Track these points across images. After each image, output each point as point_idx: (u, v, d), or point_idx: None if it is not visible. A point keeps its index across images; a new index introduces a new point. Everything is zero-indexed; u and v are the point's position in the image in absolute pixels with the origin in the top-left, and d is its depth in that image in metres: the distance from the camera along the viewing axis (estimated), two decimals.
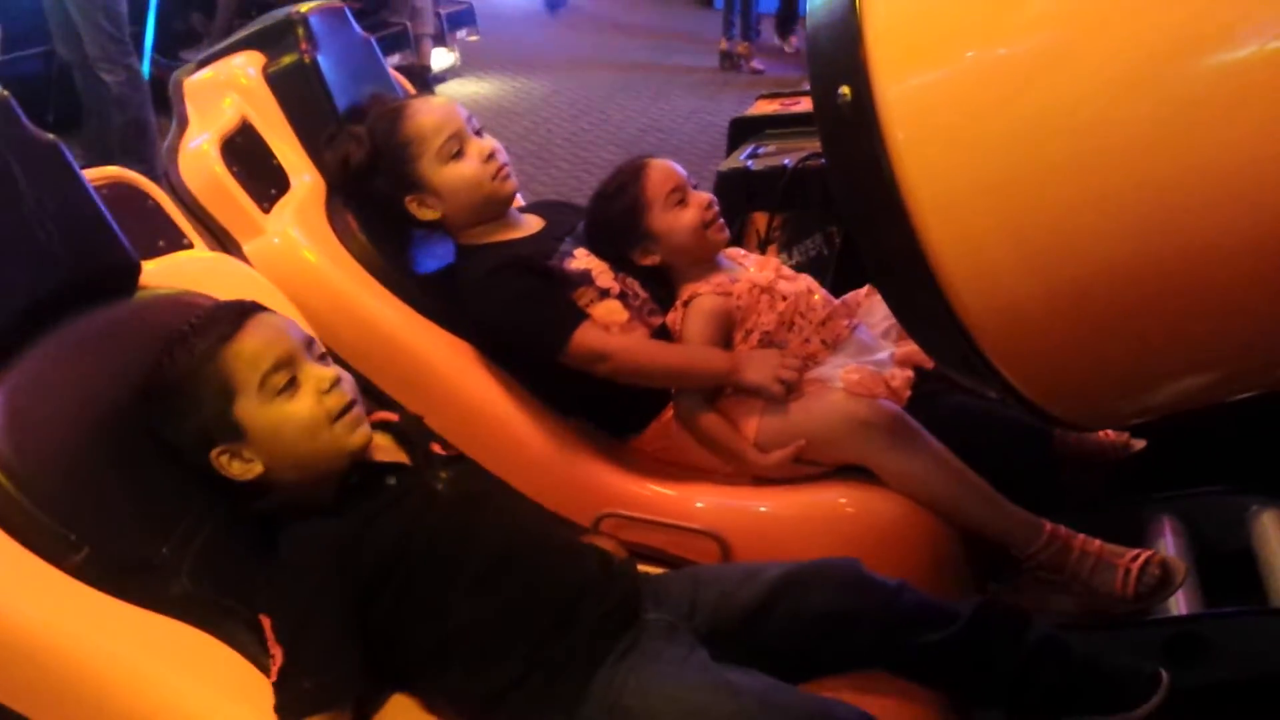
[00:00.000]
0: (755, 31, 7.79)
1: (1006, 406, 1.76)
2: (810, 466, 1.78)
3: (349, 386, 1.41)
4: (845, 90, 0.91)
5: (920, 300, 0.93)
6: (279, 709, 1.22)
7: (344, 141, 1.98)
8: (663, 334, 1.91)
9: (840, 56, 0.92)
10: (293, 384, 1.37)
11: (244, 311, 1.41)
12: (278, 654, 1.25)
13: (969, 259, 0.90)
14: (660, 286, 1.96)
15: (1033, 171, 0.87)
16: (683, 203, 1.91)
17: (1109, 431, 1.93)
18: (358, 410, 1.41)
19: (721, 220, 1.94)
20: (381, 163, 1.94)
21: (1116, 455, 1.94)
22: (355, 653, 1.28)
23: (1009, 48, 0.90)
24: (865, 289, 1.97)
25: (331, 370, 1.41)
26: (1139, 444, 1.94)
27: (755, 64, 7.55)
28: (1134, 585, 1.64)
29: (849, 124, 0.91)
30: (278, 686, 1.23)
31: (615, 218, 1.93)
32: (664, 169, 1.94)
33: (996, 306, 0.91)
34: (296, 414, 1.36)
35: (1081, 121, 0.84)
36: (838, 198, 0.97)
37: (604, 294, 1.89)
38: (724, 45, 7.69)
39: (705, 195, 1.94)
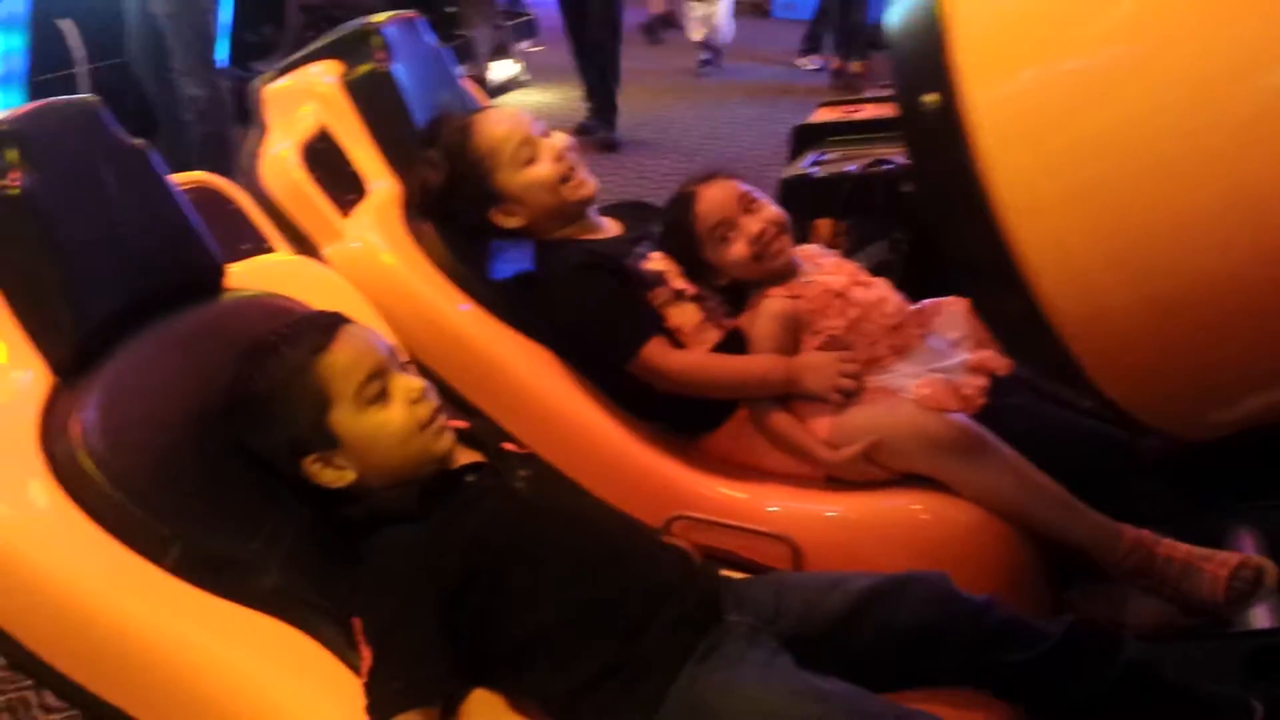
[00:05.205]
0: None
1: (1084, 413, 1.79)
2: (880, 469, 1.77)
3: (433, 394, 1.44)
4: (932, 97, 0.90)
5: (1011, 307, 0.92)
6: (370, 709, 1.23)
7: (420, 169, 2.01)
8: (738, 335, 1.91)
9: (926, 64, 0.91)
10: (384, 394, 1.40)
11: (333, 323, 1.43)
12: (366, 655, 1.26)
13: (1060, 265, 0.89)
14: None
15: (1124, 177, 0.85)
16: (726, 240, 1.88)
17: None
18: (443, 417, 1.44)
19: (780, 240, 1.90)
20: (460, 181, 1.97)
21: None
22: (444, 652, 1.29)
23: (1100, 52, 0.89)
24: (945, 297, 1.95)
25: (419, 380, 1.44)
26: None
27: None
28: (1225, 588, 1.60)
29: (936, 131, 0.90)
30: (368, 687, 1.25)
31: (680, 251, 1.93)
32: (711, 201, 1.90)
33: (1089, 313, 0.90)
34: (390, 422, 1.39)
35: (1175, 126, 0.83)
36: (924, 205, 0.97)
37: (679, 295, 1.90)
38: (836, 64, 7.33)
39: (755, 226, 1.87)
